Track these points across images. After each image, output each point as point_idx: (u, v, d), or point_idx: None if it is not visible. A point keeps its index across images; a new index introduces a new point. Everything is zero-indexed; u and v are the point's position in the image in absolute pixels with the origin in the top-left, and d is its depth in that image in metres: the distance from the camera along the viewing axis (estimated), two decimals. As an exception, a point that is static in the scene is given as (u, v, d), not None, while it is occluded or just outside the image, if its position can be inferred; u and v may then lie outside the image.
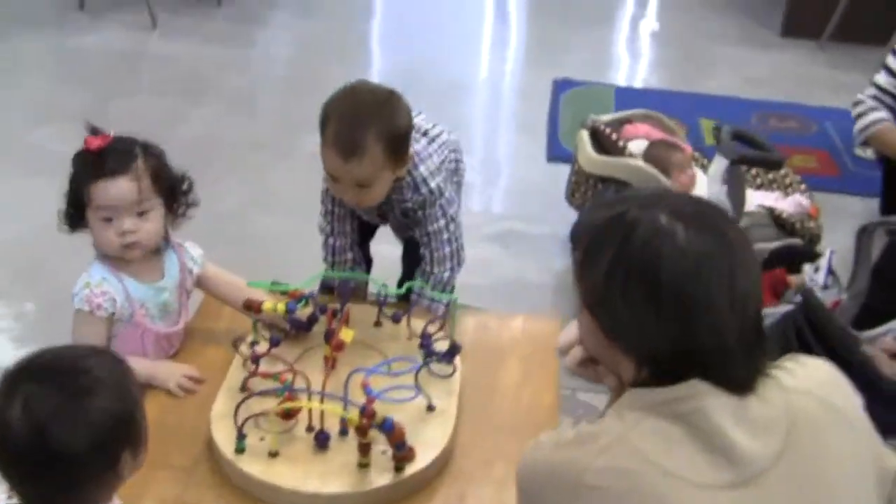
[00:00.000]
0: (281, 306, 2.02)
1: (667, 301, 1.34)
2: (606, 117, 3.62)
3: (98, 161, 1.96)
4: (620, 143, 3.42)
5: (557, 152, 4.38)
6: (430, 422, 1.94)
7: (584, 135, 3.49)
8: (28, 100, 4.70)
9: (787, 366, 1.45)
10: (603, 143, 3.48)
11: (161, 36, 5.47)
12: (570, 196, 3.58)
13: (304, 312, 2.10)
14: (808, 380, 1.44)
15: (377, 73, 5.22)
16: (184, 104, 4.71)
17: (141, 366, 2.02)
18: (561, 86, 5.03)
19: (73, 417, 1.37)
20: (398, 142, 2.18)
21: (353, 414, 1.77)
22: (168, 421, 1.97)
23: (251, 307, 2.06)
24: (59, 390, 1.38)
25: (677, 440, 1.34)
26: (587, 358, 1.57)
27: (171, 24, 5.56)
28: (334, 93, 2.21)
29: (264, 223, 3.79)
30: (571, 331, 1.60)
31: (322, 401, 1.84)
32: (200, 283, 2.21)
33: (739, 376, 1.37)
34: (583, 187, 3.50)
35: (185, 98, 4.77)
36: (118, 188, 1.96)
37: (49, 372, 1.42)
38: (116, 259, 2.05)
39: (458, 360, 2.09)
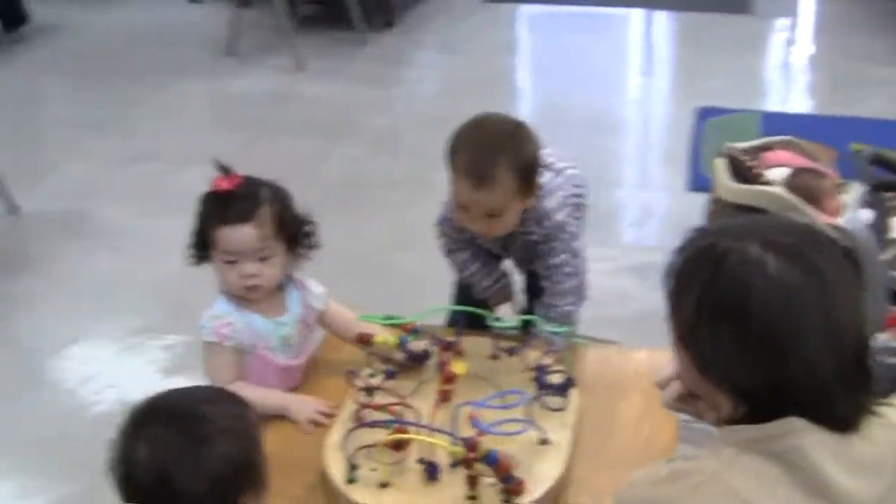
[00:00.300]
0: (392, 339, 2.03)
1: (755, 334, 1.29)
2: (744, 145, 3.52)
3: (224, 205, 2.02)
4: (758, 171, 3.33)
5: (698, 182, 4.29)
6: (542, 455, 1.92)
7: (721, 163, 3.40)
8: (180, 141, 4.89)
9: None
10: (740, 171, 3.39)
11: (307, 78, 5.62)
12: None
13: (418, 345, 2.11)
14: None
15: (520, 108, 5.23)
16: (327, 144, 4.82)
17: (276, 398, 2.07)
18: (704, 114, 4.94)
19: (195, 463, 1.41)
20: (528, 171, 2.18)
21: (459, 446, 1.77)
22: (285, 450, 1.99)
23: (363, 340, 2.08)
24: (181, 435, 1.42)
25: (774, 479, 1.29)
26: (686, 393, 1.52)
27: (317, 67, 5.71)
28: (462, 125, 2.22)
29: (403, 260, 3.83)
30: (670, 365, 1.56)
31: (430, 433, 1.83)
32: (322, 320, 2.23)
33: (839, 414, 1.31)
34: (721, 217, 3.41)
35: (328, 138, 4.88)
36: (241, 235, 2.01)
37: (171, 415, 1.46)
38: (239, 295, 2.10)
39: (575, 393, 2.06)
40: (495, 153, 2.13)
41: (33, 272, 3.86)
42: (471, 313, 2.21)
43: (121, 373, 3.22)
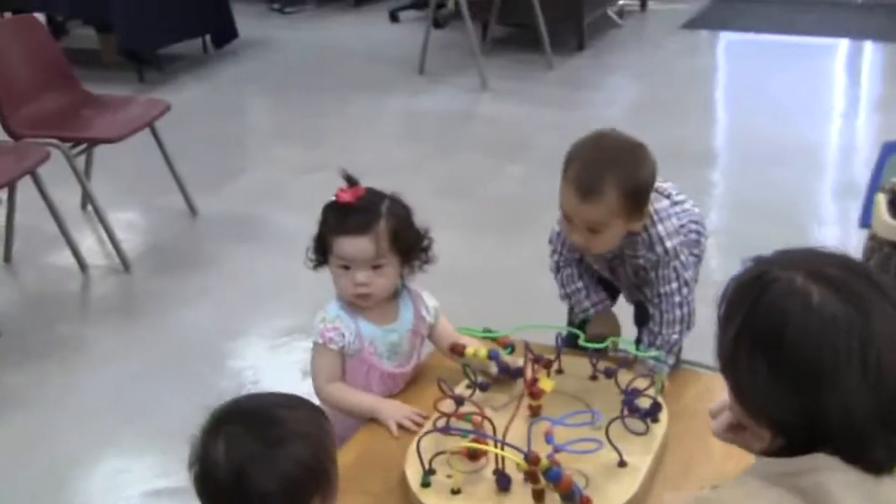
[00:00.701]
0: (483, 351, 2.07)
1: (790, 364, 1.26)
2: (911, 181, 3.38)
3: (344, 216, 2.10)
4: (920, 209, 3.18)
5: (870, 218, 4.12)
6: (617, 476, 1.91)
7: (882, 198, 3.27)
8: (361, 153, 5.04)
9: None
10: (902, 208, 3.25)
11: (491, 98, 5.73)
12: (865, 262, 3.37)
13: (512, 360, 2.14)
14: None
15: (702, 136, 5.16)
16: (499, 162, 4.90)
17: (370, 401, 2.14)
18: (890, 148, 4.73)
19: (269, 464, 1.47)
20: (636, 193, 2.16)
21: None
22: (373, 448, 2.07)
23: (456, 351, 2.13)
24: (258, 436, 1.49)
25: None
26: (736, 423, 1.50)
27: (502, 87, 5.82)
28: (583, 137, 2.25)
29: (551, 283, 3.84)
30: (725, 393, 1.54)
31: (502, 447, 1.86)
32: (431, 333, 2.29)
33: (873, 456, 1.26)
34: (877, 254, 3.28)
35: (501, 156, 4.96)
36: (357, 246, 2.09)
37: (250, 416, 1.52)
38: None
39: (664, 419, 2.04)
40: (606, 169, 2.13)
41: (203, 270, 4.10)
42: (569, 333, 2.22)
43: (266, 369, 3.39)
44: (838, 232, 4.18)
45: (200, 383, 3.29)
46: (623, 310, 2.47)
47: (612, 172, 2.12)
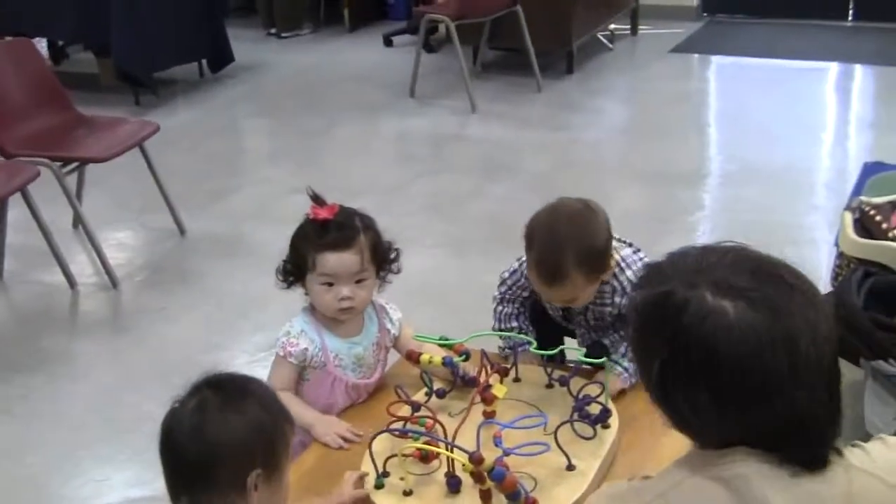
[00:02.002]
0: (437, 358, 2.13)
1: (729, 387, 1.28)
2: (878, 200, 3.44)
3: (325, 232, 2.16)
4: (885, 226, 3.25)
5: (845, 238, 4.17)
6: (565, 480, 1.97)
7: (848, 217, 3.34)
8: (350, 174, 5.14)
9: (866, 446, 1.38)
10: (868, 226, 3.32)
11: (479, 120, 5.82)
12: (833, 280, 3.43)
13: (467, 368, 2.20)
14: (886, 464, 1.36)
15: (680, 158, 5.22)
16: (483, 182, 4.98)
17: (307, 415, 2.19)
18: (869, 169, 4.80)
19: (225, 419, 1.57)
20: (598, 260, 2.22)
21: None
22: (331, 452, 2.13)
23: (411, 358, 2.20)
24: (224, 398, 1.60)
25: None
26: None
27: (490, 110, 5.91)
28: (537, 213, 2.28)
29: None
30: None
31: (451, 449, 1.93)
32: (396, 344, 2.36)
33: (800, 456, 1.31)
34: (845, 271, 3.35)
35: (485, 176, 5.04)
36: (342, 260, 2.15)
37: (224, 385, 1.64)
38: (321, 314, 2.24)
39: (614, 425, 2.10)
40: (565, 250, 2.16)
41: (189, 287, 4.18)
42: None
43: (246, 383, 3.45)
44: (825, 254, 4.24)
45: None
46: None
47: (571, 253, 2.16)
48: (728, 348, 1.26)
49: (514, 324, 2.45)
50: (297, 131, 5.83)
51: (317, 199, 2.20)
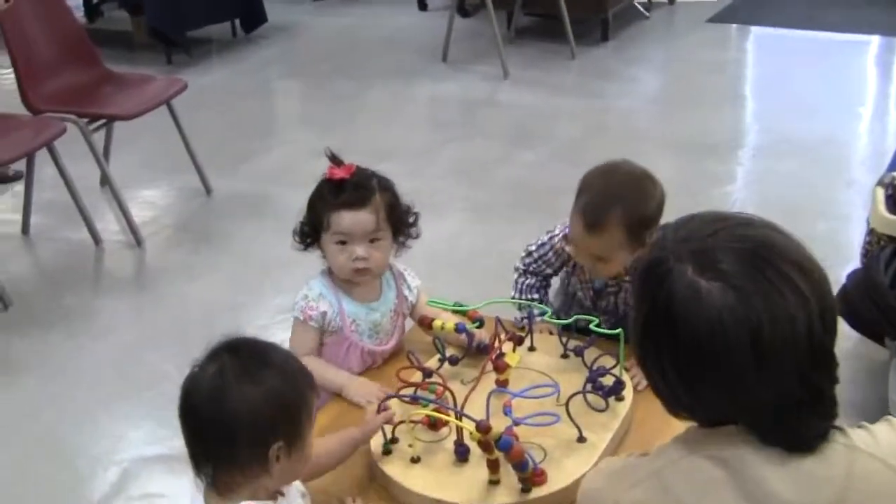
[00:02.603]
0: (450, 324, 2.10)
1: (690, 362, 1.29)
2: (911, 175, 3.37)
3: (339, 191, 2.14)
4: (918, 203, 3.18)
5: (879, 214, 4.09)
6: (575, 451, 1.93)
7: (880, 192, 3.27)
8: (378, 138, 5.11)
9: (872, 427, 1.34)
10: (901, 202, 3.24)
11: (511, 86, 5.76)
12: (863, 257, 3.37)
13: (481, 335, 2.17)
14: (890, 446, 1.32)
15: (712, 129, 5.15)
16: (512, 148, 4.93)
17: (338, 377, 2.17)
18: (906, 146, 4.71)
19: (245, 389, 1.53)
20: (641, 226, 2.19)
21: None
22: (348, 418, 2.11)
23: (423, 323, 2.17)
24: (245, 365, 1.55)
25: (715, 483, 1.29)
26: None
27: (522, 76, 5.84)
28: (597, 166, 2.28)
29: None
30: None
31: (460, 417, 1.90)
32: (413, 311, 2.33)
33: (789, 436, 1.29)
34: (875, 248, 3.28)
35: (515, 142, 5.00)
36: (357, 219, 2.13)
37: (245, 350, 1.60)
38: (339, 278, 2.22)
39: (629, 399, 2.07)
40: (613, 203, 2.16)
41: (213, 247, 4.18)
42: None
43: (265, 344, 3.44)
44: (859, 231, 4.16)
45: (199, 353, 3.36)
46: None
47: (618, 207, 2.16)
48: (688, 325, 1.26)
49: (535, 296, 2.42)
50: (328, 94, 5.80)
51: (334, 159, 2.18)
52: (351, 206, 2.13)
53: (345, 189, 2.13)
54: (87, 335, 3.59)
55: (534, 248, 2.45)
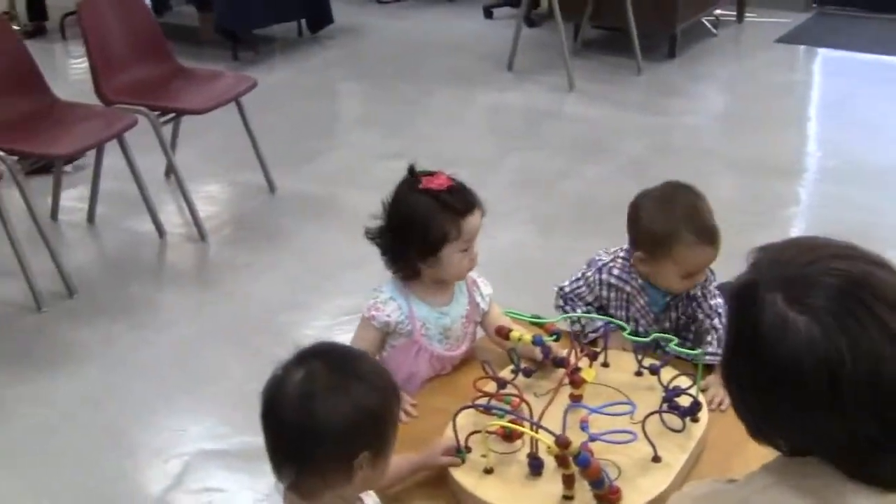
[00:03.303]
0: (527, 336, 2.09)
1: (771, 392, 1.26)
2: None
3: (455, 198, 2.12)
4: None
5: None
6: (651, 471, 1.92)
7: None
8: (440, 144, 5.08)
9: None
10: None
11: (576, 99, 5.73)
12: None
13: (559, 348, 2.16)
14: None
15: (778, 151, 5.08)
16: (576, 161, 4.90)
17: None
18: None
19: (334, 400, 1.53)
20: None
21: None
22: (418, 425, 2.10)
23: (501, 333, 2.15)
24: (332, 375, 1.55)
25: None
26: None
27: (588, 89, 5.81)
28: (647, 196, 2.36)
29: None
30: None
31: (536, 430, 1.88)
32: (483, 319, 2.32)
33: (877, 475, 1.25)
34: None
35: (579, 156, 4.96)
36: (476, 220, 2.16)
37: (332, 358, 1.60)
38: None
39: (704, 420, 2.04)
40: (707, 209, 2.29)
41: (275, 245, 4.19)
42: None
43: (325, 345, 3.44)
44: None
45: (259, 353, 3.36)
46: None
47: (708, 207, 2.30)
48: (770, 353, 1.24)
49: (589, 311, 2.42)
50: (392, 97, 5.80)
51: (420, 172, 2.16)
52: (473, 208, 2.14)
53: (455, 196, 2.13)
54: (149, 327, 3.61)
55: (566, 285, 2.46)
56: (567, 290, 2.43)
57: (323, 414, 1.51)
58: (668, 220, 2.25)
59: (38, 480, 2.90)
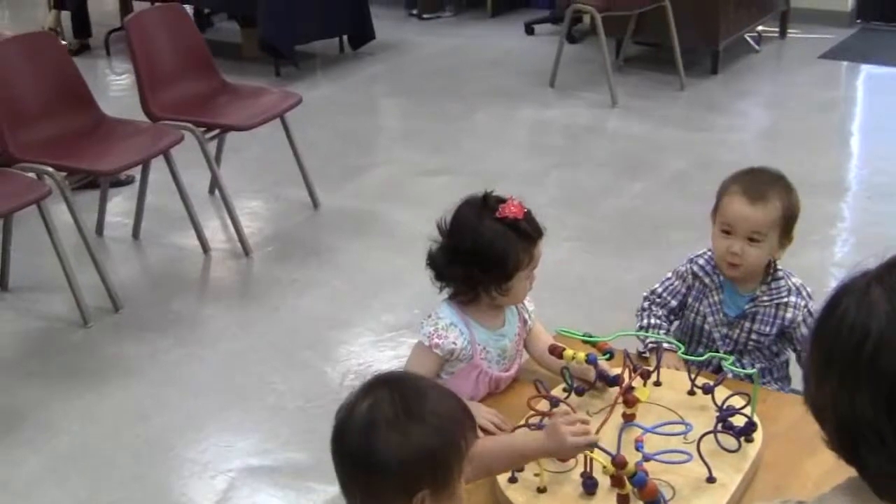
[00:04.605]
0: (581, 355, 2.07)
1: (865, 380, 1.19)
2: None
3: (528, 226, 2.13)
4: None
5: None
6: (705, 492, 1.89)
7: None
8: (484, 161, 5.08)
9: None
10: None
11: (619, 114, 5.72)
12: None
13: (611, 367, 2.14)
14: None
15: (830, 167, 5.04)
16: (620, 178, 4.89)
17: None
18: None
19: (396, 436, 1.50)
20: (791, 216, 2.35)
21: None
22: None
23: (554, 351, 2.14)
24: (399, 407, 1.52)
25: None
26: None
27: (631, 105, 5.79)
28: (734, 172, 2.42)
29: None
30: None
31: (593, 449, 1.86)
32: (527, 336, 2.30)
33: None
34: None
35: (622, 172, 4.95)
36: (541, 244, 2.16)
37: (403, 389, 1.56)
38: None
39: (758, 440, 2.02)
40: (774, 180, 2.36)
41: (319, 261, 4.20)
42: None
43: (371, 362, 3.43)
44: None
45: (305, 370, 3.38)
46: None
47: (779, 183, 2.36)
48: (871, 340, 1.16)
49: (661, 332, 2.40)
50: (433, 113, 5.81)
51: (497, 199, 2.13)
52: (542, 234, 2.15)
53: (529, 222, 2.14)
54: (194, 343, 3.62)
55: (658, 285, 2.49)
56: (660, 290, 2.48)
57: (383, 449, 1.49)
58: (727, 179, 2.38)
59: (85, 496, 2.91)
